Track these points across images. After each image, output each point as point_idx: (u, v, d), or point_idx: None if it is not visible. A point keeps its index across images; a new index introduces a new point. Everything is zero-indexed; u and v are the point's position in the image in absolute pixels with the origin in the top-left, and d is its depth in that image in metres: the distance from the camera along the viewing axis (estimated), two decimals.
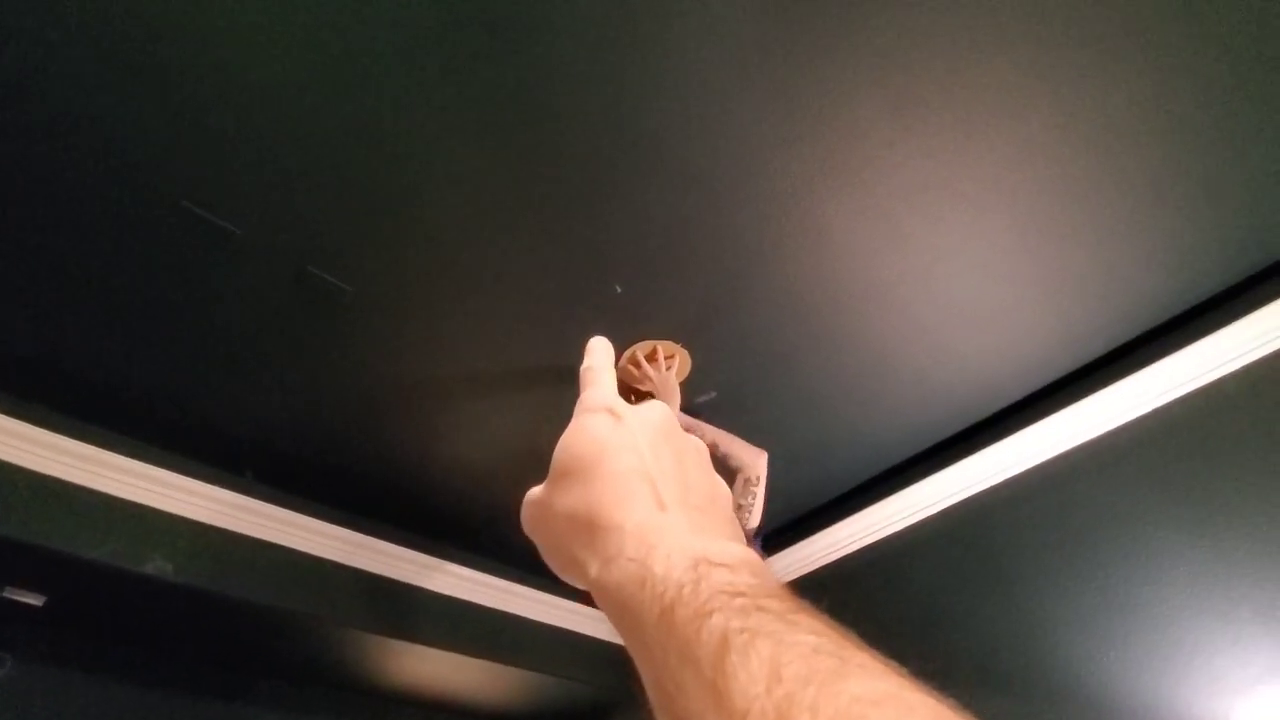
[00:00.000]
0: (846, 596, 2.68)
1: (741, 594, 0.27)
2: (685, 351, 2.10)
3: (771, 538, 2.88)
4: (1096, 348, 2.16)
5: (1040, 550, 2.20)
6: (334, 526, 2.57)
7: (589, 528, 0.34)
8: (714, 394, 2.22)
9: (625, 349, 2.06)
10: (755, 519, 1.91)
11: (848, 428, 2.43)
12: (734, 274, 1.89)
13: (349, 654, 2.71)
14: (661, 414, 0.40)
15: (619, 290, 1.91)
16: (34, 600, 2.27)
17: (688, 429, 1.56)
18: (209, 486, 2.34)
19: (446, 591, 2.82)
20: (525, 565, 2.91)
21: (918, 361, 2.16)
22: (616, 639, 0.31)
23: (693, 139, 1.57)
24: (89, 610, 2.37)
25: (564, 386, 2.14)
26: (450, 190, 1.64)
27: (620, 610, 0.30)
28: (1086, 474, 2.16)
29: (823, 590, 2.70)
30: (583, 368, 0.44)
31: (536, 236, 1.76)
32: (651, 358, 2.06)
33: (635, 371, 2.06)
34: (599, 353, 0.44)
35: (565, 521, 0.36)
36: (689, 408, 2.15)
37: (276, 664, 2.74)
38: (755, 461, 1.93)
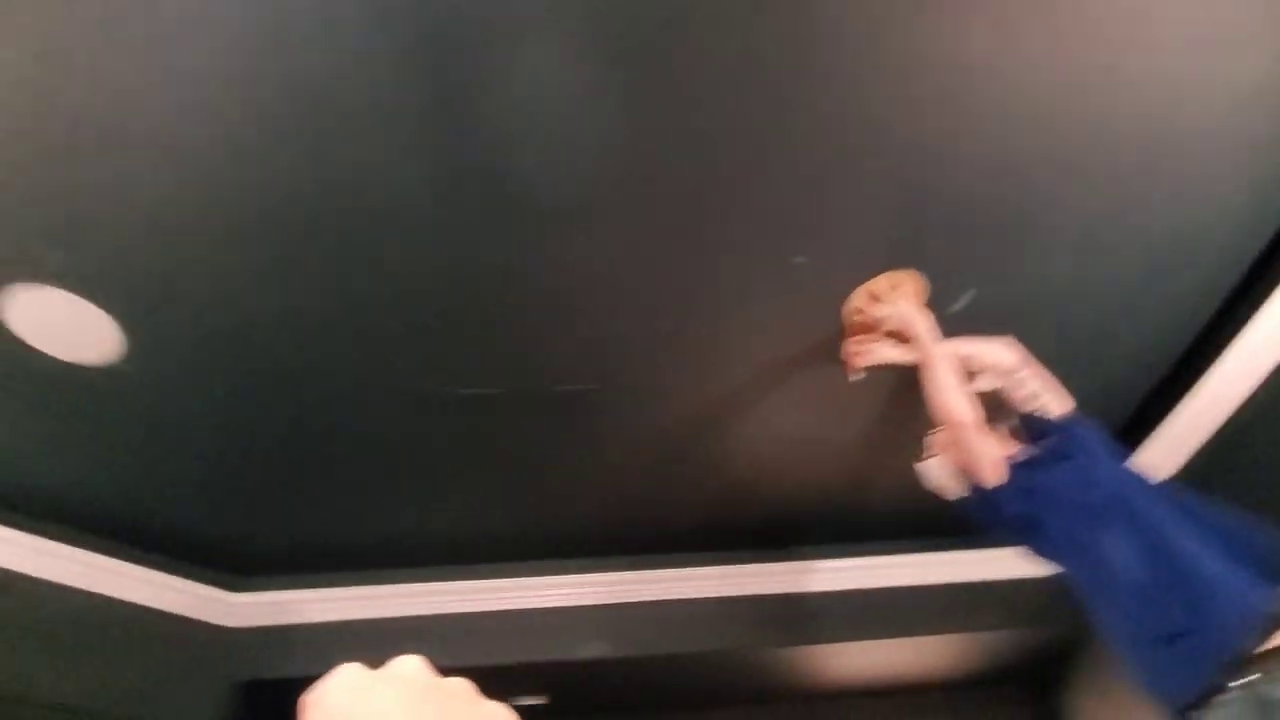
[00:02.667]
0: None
1: None
2: (913, 273, 1.89)
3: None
4: None
5: None
6: (708, 568, 2.83)
7: None
8: (973, 292, 1.94)
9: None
10: (1052, 402, 1.67)
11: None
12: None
13: (776, 668, 2.91)
14: (414, 668, 0.34)
15: (801, 261, 1.83)
16: (539, 701, 2.95)
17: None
18: (600, 575, 2.79)
19: (839, 588, 2.86)
20: (889, 535, 2.81)
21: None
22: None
23: None
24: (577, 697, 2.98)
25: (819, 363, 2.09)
26: None
27: None
28: None
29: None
30: None
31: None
32: (875, 298, 1.91)
33: (866, 318, 1.93)
34: None
35: None
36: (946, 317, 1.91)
37: (717, 697, 3.06)
38: (1002, 353, 1.71)
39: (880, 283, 1.90)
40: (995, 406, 1.74)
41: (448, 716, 0.31)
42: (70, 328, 1.82)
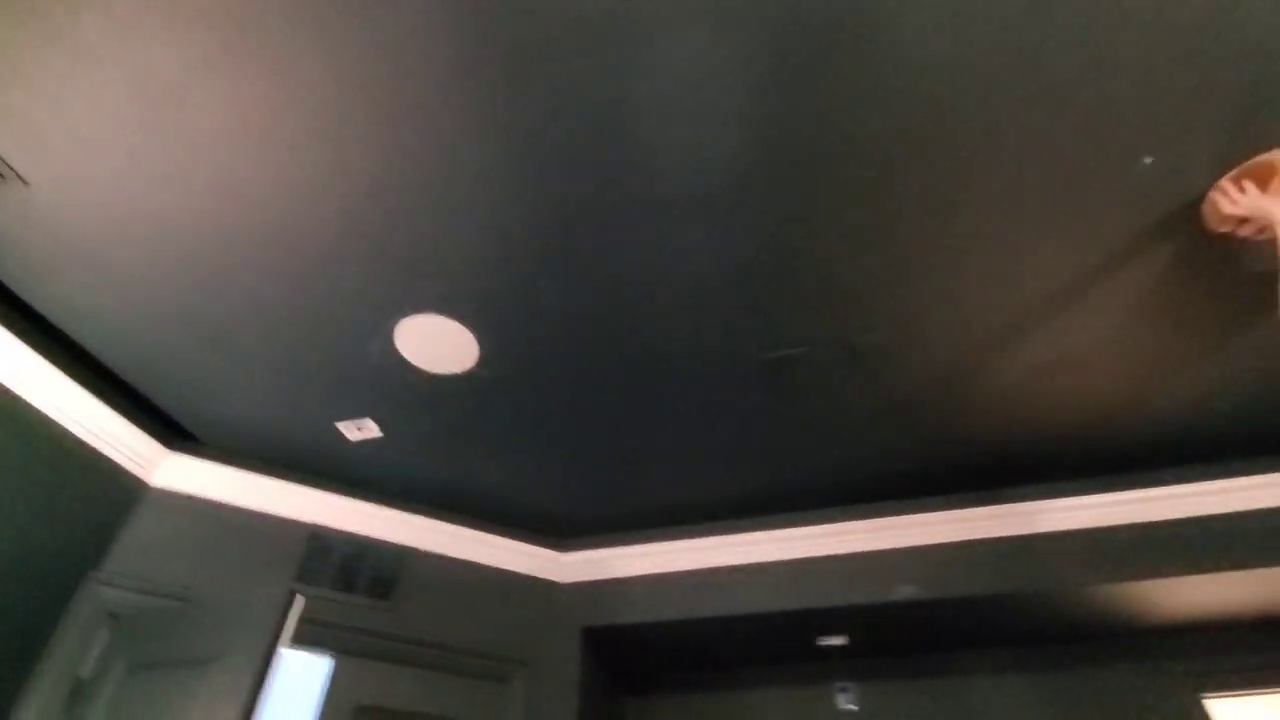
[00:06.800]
0: None
1: None
2: None
3: None
4: None
5: None
6: (1026, 504, 2.71)
7: None
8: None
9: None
10: None
11: None
12: None
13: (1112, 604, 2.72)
14: None
15: (1149, 161, 1.62)
16: (840, 641, 3.05)
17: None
18: (913, 516, 2.79)
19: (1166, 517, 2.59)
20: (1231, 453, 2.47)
21: None
22: None
23: None
24: (879, 636, 3.04)
25: (1108, 277, 1.89)
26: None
27: None
28: None
29: None
30: None
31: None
32: (1239, 185, 1.65)
33: (1228, 204, 1.67)
34: None
35: None
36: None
37: (1027, 635, 2.94)
38: None
39: (1246, 169, 1.64)
40: None
41: None
42: (439, 344, 2.16)
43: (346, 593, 2.71)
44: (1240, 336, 2.08)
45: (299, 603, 1.98)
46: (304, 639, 2.55)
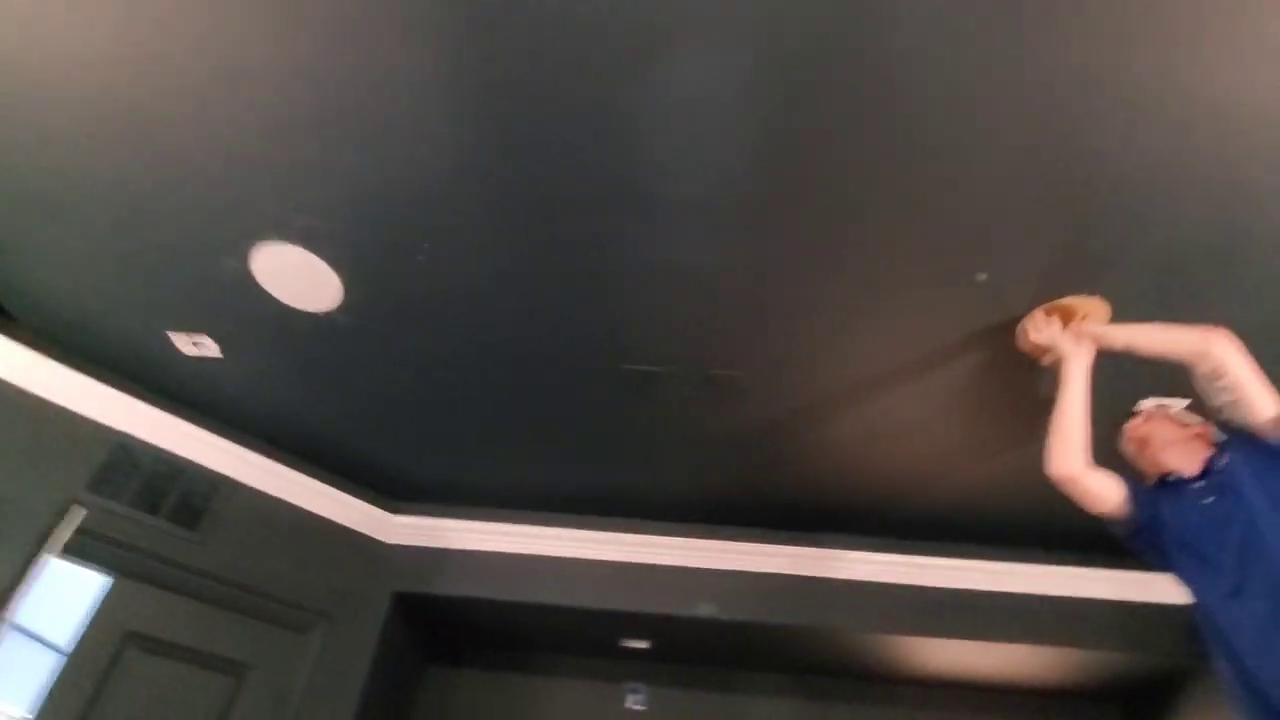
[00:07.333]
0: None
1: None
2: (1094, 300, 1.87)
3: None
4: None
5: None
6: (822, 549, 2.95)
7: None
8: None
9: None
10: (1255, 409, 1.51)
11: None
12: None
13: (878, 652, 3.03)
14: None
15: (982, 279, 1.84)
16: (643, 645, 3.20)
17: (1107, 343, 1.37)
18: (728, 543, 2.97)
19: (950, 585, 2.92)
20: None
21: None
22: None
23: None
24: (677, 646, 3.21)
25: (955, 362, 2.12)
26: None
27: None
28: None
29: None
30: None
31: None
32: (1049, 318, 1.91)
33: (1035, 332, 1.92)
34: None
35: None
36: None
37: (802, 666, 3.22)
38: (1202, 348, 1.58)
39: (1056, 306, 1.89)
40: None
41: None
42: (302, 279, 2.07)
43: (147, 513, 2.54)
44: (1029, 445, 2.37)
45: (76, 513, 1.84)
46: (81, 552, 2.36)
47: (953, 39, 1.36)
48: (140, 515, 2.51)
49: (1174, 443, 1.71)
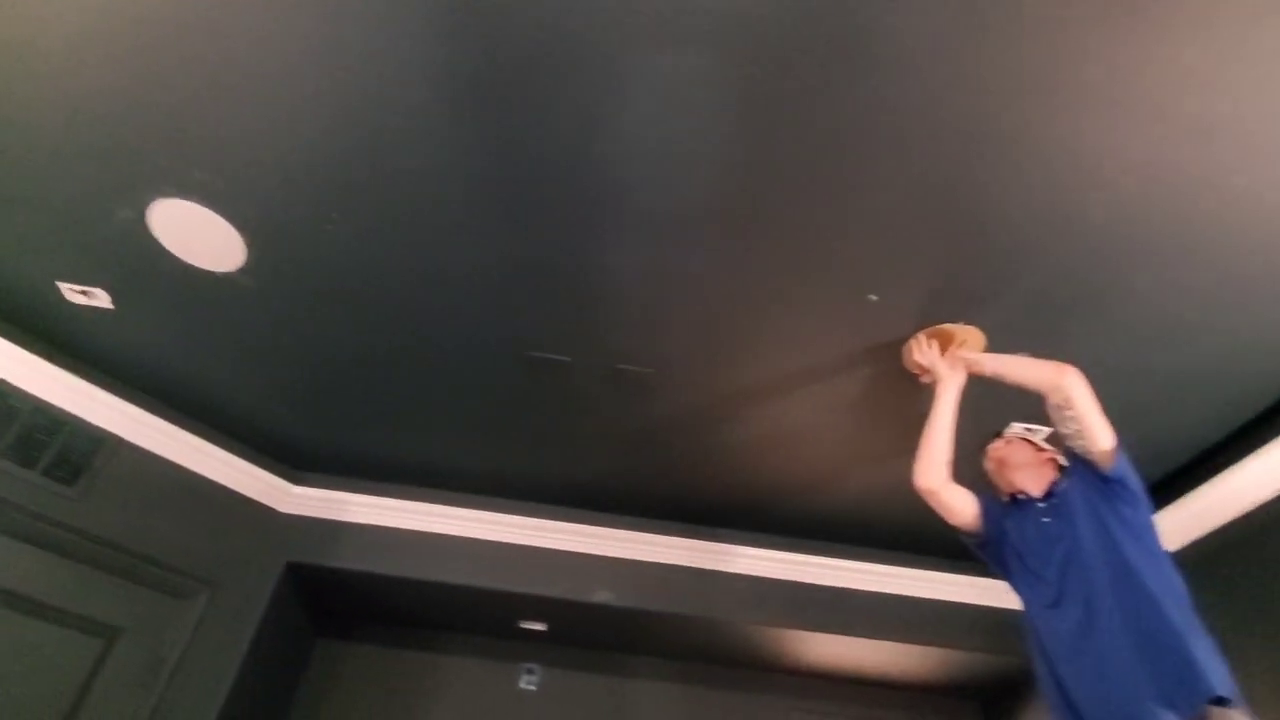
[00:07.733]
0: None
1: None
2: (971, 329, 2.02)
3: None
4: None
5: None
6: (717, 544, 3.06)
7: None
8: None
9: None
10: (1093, 440, 1.64)
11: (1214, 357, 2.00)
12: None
13: (761, 643, 3.18)
14: None
15: (874, 299, 1.96)
16: (540, 627, 3.25)
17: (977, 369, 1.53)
18: (625, 532, 3.04)
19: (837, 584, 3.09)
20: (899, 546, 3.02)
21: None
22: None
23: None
24: (573, 629, 3.28)
25: (845, 375, 2.25)
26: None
27: None
28: None
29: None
30: None
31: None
32: (930, 341, 2.05)
33: (917, 353, 2.07)
34: None
35: None
36: None
37: (690, 653, 3.35)
38: (1055, 382, 1.70)
39: (937, 331, 2.03)
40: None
41: None
42: (202, 237, 2.01)
43: (22, 467, 2.41)
44: (908, 457, 2.53)
45: None
46: None
47: (851, 83, 1.45)
48: (14, 468, 2.39)
49: (1027, 465, 1.87)
